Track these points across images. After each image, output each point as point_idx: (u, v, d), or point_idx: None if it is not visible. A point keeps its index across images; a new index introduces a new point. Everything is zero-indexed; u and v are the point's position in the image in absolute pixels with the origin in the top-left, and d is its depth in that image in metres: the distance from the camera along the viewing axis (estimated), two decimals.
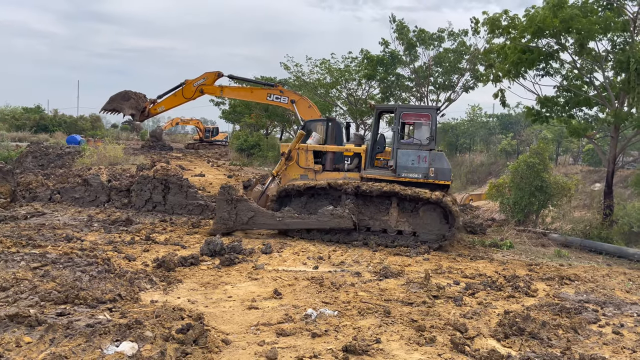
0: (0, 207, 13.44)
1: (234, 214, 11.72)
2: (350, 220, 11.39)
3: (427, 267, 9.46)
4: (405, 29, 24.04)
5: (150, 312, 5.80)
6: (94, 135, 46.04)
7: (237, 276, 8.36)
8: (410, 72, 25.23)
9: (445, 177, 11.66)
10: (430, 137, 11.87)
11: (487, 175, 34.22)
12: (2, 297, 6.17)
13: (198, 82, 14.97)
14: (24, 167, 22.24)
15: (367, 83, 27.75)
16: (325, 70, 28.92)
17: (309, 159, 12.95)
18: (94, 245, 9.88)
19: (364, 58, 26.16)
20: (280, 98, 14.51)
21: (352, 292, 7.52)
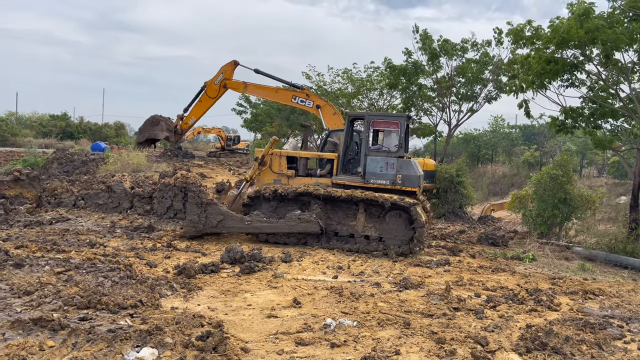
0: (27, 212, 13.70)
1: (203, 217, 11.86)
2: (317, 225, 11.57)
3: (448, 279, 9.37)
4: (428, 39, 23.98)
5: (171, 319, 5.84)
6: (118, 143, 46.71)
7: (257, 284, 8.38)
8: (433, 82, 25.11)
9: (412, 183, 11.87)
10: (398, 144, 12.07)
11: (509, 186, 33.82)
12: (27, 300, 6.28)
13: (218, 78, 14.72)
14: (50, 174, 22.65)
15: (389, 93, 27.70)
16: (347, 79, 28.93)
17: (282, 165, 13.07)
18: (117, 251, 10.01)
19: (386, 67, 26.13)
20: (306, 102, 14.31)
21: (372, 302, 7.48)
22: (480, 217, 19.01)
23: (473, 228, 17.01)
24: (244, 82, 14.74)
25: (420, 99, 25.54)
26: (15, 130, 49.85)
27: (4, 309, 5.91)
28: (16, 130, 49.83)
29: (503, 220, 19.14)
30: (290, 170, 13.06)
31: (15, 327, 5.25)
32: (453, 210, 19.05)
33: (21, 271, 7.51)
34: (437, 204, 19.50)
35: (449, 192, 19.12)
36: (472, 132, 46.64)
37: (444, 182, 19.08)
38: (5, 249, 8.60)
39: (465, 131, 46.79)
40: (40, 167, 24.37)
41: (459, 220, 18.44)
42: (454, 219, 18.57)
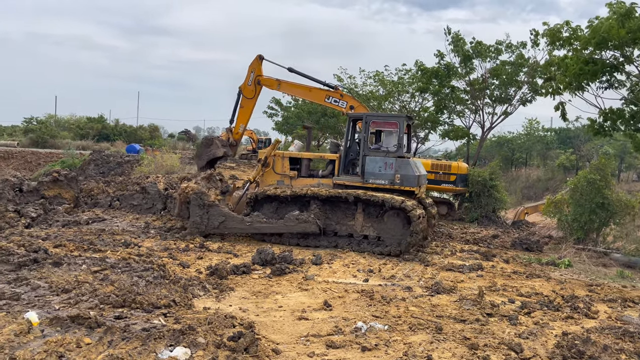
0: (65, 212, 14.06)
1: (206, 219, 12.06)
2: (315, 225, 11.68)
3: (481, 284, 9.23)
4: (461, 41, 23.73)
5: (203, 319, 5.91)
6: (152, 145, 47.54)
7: (288, 286, 8.41)
8: (466, 85, 24.83)
9: (410, 183, 11.95)
10: (397, 144, 12.16)
11: (543, 190, 33.16)
12: (65, 298, 6.44)
13: (250, 78, 14.73)
14: (87, 175, 23.23)
15: (420, 95, 27.49)
16: (378, 82, 28.83)
17: (285, 166, 13.23)
18: (151, 251, 10.19)
19: (418, 70, 25.94)
20: (339, 102, 14.27)
21: (403, 306, 7.43)
22: (514, 221, 18.68)
23: (507, 233, 16.73)
24: (277, 79, 14.72)
25: (452, 101, 25.27)
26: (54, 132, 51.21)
27: (43, 306, 6.08)
28: (55, 133, 51.18)
29: (537, 225, 18.75)
30: (293, 171, 13.19)
31: (53, 324, 5.39)
32: (486, 215, 18.77)
33: (59, 269, 7.71)
34: (470, 208, 19.26)
35: (482, 196, 18.85)
36: (506, 135, 45.90)
37: (477, 186, 18.83)
38: (45, 247, 8.85)
39: (499, 134, 46.13)
40: (78, 168, 25.00)
41: (492, 225, 18.16)
42: (487, 223, 18.30)
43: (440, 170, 18.69)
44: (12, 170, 34.22)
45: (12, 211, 12.96)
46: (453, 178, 18.66)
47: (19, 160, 39.17)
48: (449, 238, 14.74)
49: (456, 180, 18.63)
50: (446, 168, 18.73)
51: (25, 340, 4.97)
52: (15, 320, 5.45)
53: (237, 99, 14.82)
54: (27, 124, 55.92)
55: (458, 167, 18.78)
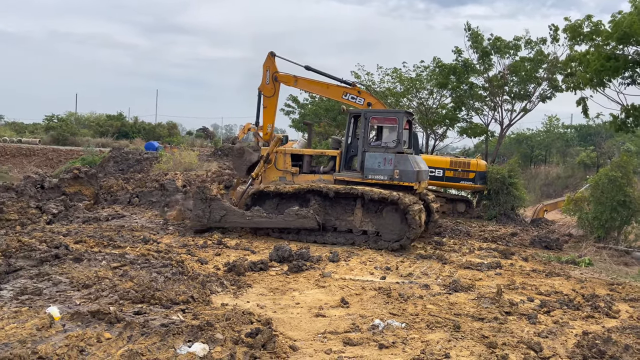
0: (85, 208, 14.25)
1: (208, 212, 12.21)
2: (314, 221, 11.76)
3: (499, 282, 9.16)
4: (479, 37, 23.51)
5: (221, 315, 5.95)
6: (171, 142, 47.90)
7: (305, 283, 8.43)
8: (484, 81, 24.61)
9: (409, 178, 12.04)
10: (396, 140, 12.28)
11: (563, 188, 32.74)
12: (85, 294, 6.53)
13: (266, 76, 14.75)
14: (106, 172, 23.50)
15: (438, 92, 27.31)
16: (396, 79, 28.69)
17: (287, 162, 13.34)
18: (169, 247, 10.29)
19: (436, 67, 25.77)
20: (357, 99, 14.27)
21: (421, 304, 7.40)
22: (533, 219, 18.48)
23: (525, 230, 16.57)
24: (294, 75, 14.73)
25: (471, 98, 25.06)
26: (74, 130, 51.89)
27: (64, 301, 6.17)
28: (75, 130, 51.86)
29: (557, 223, 18.53)
30: (294, 167, 13.30)
31: (74, 318, 5.47)
32: (505, 212, 18.60)
33: (80, 265, 7.81)
34: (489, 206, 19.11)
35: (500, 193, 18.69)
36: (525, 132, 45.39)
37: (496, 184, 18.66)
38: (66, 243, 8.98)
39: (518, 131, 45.60)
40: (98, 165, 25.32)
41: (511, 223, 18.00)
42: (505, 221, 18.14)
43: (459, 168, 18.57)
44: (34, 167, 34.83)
45: (34, 207, 13.18)
46: (472, 175, 18.51)
47: (40, 158, 39.85)
48: (467, 236, 14.65)
49: (475, 178, 18.49)
50: (465, 165, 18.60)
51: (47, 335, 5.05)
52: (37, 315, 5.54)
53: (258, 101, 14.86)
54: (48, 121, 56.72)
55: (477, 164, 18.64)
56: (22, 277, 7.06)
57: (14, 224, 11.85)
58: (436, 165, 18.57)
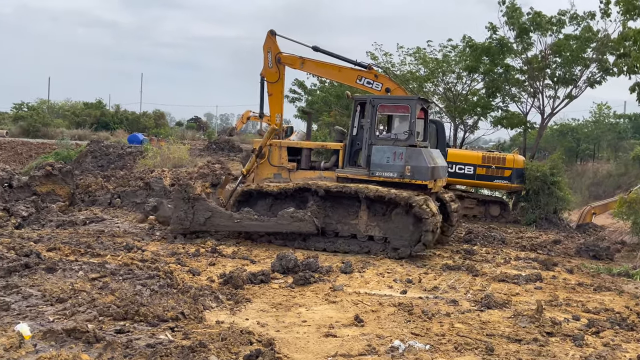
0: (59, 210, 14.36)
1: (191, 214, 12.23)
2: (312, 225, 11.72)
3: (539, 298, 9.12)
4: (517, 12, 23.40)
5: (216, 334, 5.98)
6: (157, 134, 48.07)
7: (313, 298, 8.44)
8: (522, 63, 24.50)
9: (422, 176, 11.91)
10: (409, 131, 12.19)
11: (615, 188, 32.53)
12: (60, 309, 6.58)
13: (268, 59, 14.73)
14: (83, 168, 23.69)
15: (469, 76, 27.21)
16: (419, 60, 28.62)
17: (283, 157, 13.33)
18: (156, 256, 10.34)
19: (466, 46, 25.68)
20: (373, 84, 14.18)
21: (448, 323, 7.39)
22: (579, 224, 18.39)
23: (570, 237, 16.50)
24: (300, 57, 14.65)
25: (506, 83, 24.95)
26: (47, 120, 52.27)
27: (35, 317, 6.23)
28: (48, 120, 52.24)
29: (607, 229, 18.44)
30: (291, 162, 13.29)
31: (47, 337, 5.52)
32: (546, 216, 18.53)
33: (53, 276, 7.88)
34: (527, 209, 19.03)
35: (541, 194, 18.60)
36: (570, 122, 45.15)
37: (535, 183, 18.58)
38: (37, 251, 9.06)
39: (562, 121, 45.40)
40: (73, 161, 25.51)
41: (553, 228, 17.93)
42: (546, 227, 18.07)
43: (493, 164, 18.47)
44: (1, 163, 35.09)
45: (0, 209, 13.28)
46: (508, 173, 18.42)
47: (8, 152, 40.13)
48: (502, 243, 14.61)
49: (511, 176, 18.39)
50: (500, 161, 18.50)
51: (16, 356, 5.10)
52: (5, 333, 5.59)
53: (261, 88, 14.77)
54: (17, 110, 57.19)
55: (514, 160, 18.53)
56: None
57: None
58: (466, 161, 18.53)
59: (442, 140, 16.73)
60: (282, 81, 14.79)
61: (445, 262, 11.70)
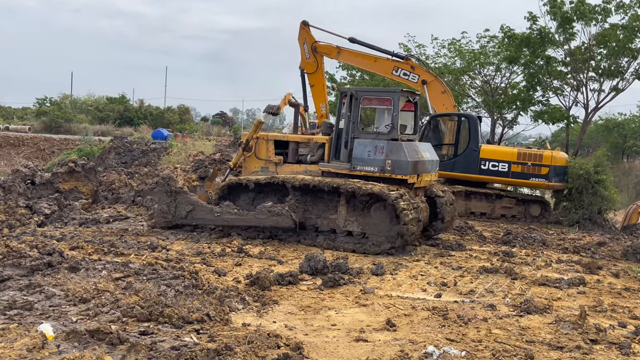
0: (82, 208, 14.59)
1: (173, 207, 12.71)
2: (289, 219, 12.00)
3: (583, 303, 8.99)
4: (559, 1, 23.10)
5: (242, 337, 6.01)
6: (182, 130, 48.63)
7: (343, 300, 8.45)
8: (565, 55, 24.18)
9: (402, 170, 12.07)
10: (390, 124, 12.36)
11: None
12: (83, 309, 6.70)
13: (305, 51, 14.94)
14: (107, 165, 24.07)
15: (508, 68, 26.95)
16: (454, 52, 28.46)
17: (270, 150, 13.62)
18: (181, 255, 10.44)
19: (504, 37, 25.44)
20: (409, 75, 14.23)
21: (485, 328, 7.34)
22: (625, 225, 18.05)
23: (616, 239, 16.21)
24: (337, 46, 14.90)
25: (548, 76, 24.65)
26: (69, 115, 53.19)
27: (58, 318, 6.35)
28: (71, 116, 53.16)
29: None
30: (278, 156, 13.54)
31: (70, 338, 5.62)
32: (589, 217, 18.23)
33: (77, 275, 8.01)
34: (570, 208, 18.74)
35: (584, 193, 18.30)
36: (616, 117, 44.42)
37: (579, 181, 18.29)
38: (60, 249, 9.22)
39: (607, 116, 44.66)
40: (97, 157, 25.92)
41: (598, 229, 17.64)
42: (590, 228, 17.79)
43: (529, 161, 18.16)
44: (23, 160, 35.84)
45: (23, 207, 13.56)
46: (545, 171, 18.06)
47: (30, 148, 41.02)
48: (542, 245, 14.43)
49: (549, 174, 18.03)
50: (536, 158, 18.17)
51: (39, 357, 5.20)
52: (28, 333, 5.71)
53: (302, 81, 15.14)
54: (39, 105, 58.27)
55: (551, 157, 18.17)
56: (11, 288, 7.28)
57: (1, 226, 12.21)
58: (500, 158, 18.26)
59: (475, 135, 16.60)
60: (321, 71, 15.13)
61: (483, 264, 11.60)
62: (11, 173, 15.57)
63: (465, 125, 18.38)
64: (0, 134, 43.12)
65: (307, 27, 14.84)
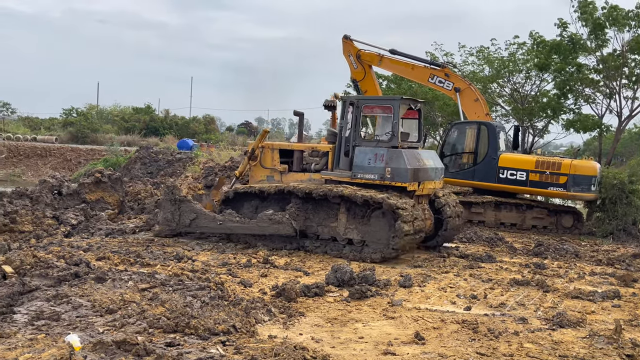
0: (108, 218, 14.78)
1: (177, 215, 13.11)
2: (290, 227, 12.31)
3: (618, 316, 8.85)
4: (590, 6, 22.89)
5: (269, 350, 6.02)
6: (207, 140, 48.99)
7: (370, 313, 8.42)
8: (597, 62, 23.92)
9: (402, 178, 12.22)
10: (391, 132, 12.56)
11: None
12: (109, 320, 6.77)
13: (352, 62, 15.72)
14: (132, 175, 24.35)
15: (538, 76, 26.74)
16: (483, 60, 28.32)
17: (275, 159, 13.91)
18: (206, 266, 10.52)
19: (534, 43, 25.27)
20: (444, 83, 14.64)
21: (516, 342, 7.26)
22: None
23: None
24: (379, 54, 15.76)
25: (579, 83, 24.41)
26: (95, 125, 53.98)
27: (85, 329, 6.42)
28: (97, 126, 53.94)
29: None
30: (283, 165, 13.75)
31: (97, 349, 5.67)
32: (624, 228, 17.97)
33: (103, 286, 8.10)
34: (603, 219, 18.49)
35: (618, 203, 18.05)
36: None
37: (612, 191, 18.04)
38: (87, 260, 9.34)
39: None
40: (122, 167, 26.24)
41: (632, 241, 17.38)
42: (624, 239, 17.53)
43: (547, 169, 17.82)
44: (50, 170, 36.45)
45: (50, 217, 13.79)
46: (563, 180, 17.64)
47: (57, 158, 41.71)
48: (575, 257, 14.25)
49: (567, 183, 17.59)
50: (554, 166, 17.75)
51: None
52: (55, 344, 5.78)
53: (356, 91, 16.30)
54: (66, 116, 59.16)
55: (570, 165, 17.73)
56: (38, 298, 7.39)
57: (28, 237, 12.44)
58: (518, 166, 18.00)
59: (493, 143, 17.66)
60: (369, 76, 16.33)
61: (513, 276, 11.49)
62: (38, 183, 15.83)
63: (484, 133, 18.29)
64: (28, 144, 43.92)
65: (348, 40, 15.84)
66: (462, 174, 18.67)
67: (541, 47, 24.74)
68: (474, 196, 18.67)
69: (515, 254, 14.19)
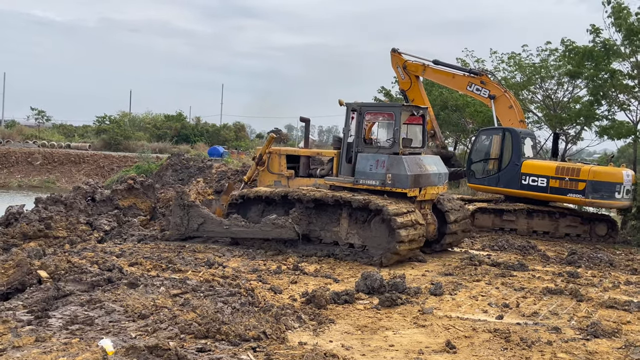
0: (141, 225, 14.96)
1: (186, 220, 13.45)
2: (292, 231, 12.51)
3: None
4: (624, 12, 22.56)
5: (299, 356, 6.03)
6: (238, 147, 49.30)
7: (400, 321, 8.38)
8: (631, 68, 23.55)
9: (402, 184, 12.40)
10: (392, 139, 12.79)
11: None
12: (142, 325, 6.84)
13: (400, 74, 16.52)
14: (164, 182, 24.54)
15: (570, 82, 26.42)
16: (514, 66, 28.10)
17: (282, 164, 14.13)
18: (237, 272, 10.58)
19: (566, 50, 24.98)
20: (481, 90, 15.01)
21: (549, 352, 7.16)
22: None
23: None
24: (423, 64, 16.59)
25: (613, 89, 24.04)
26: (128, 133, 54.75)
27: (118, 333, 6.50)
28: (129, 133, 54.70)
29: None
30: (289, 170, 13.92)
31: (130, 354, 5.74)
32: None
33: (135, 292, 8.20)
34: (638, 227, 18.14)
35: None
36: None
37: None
38: (120, 265, 9.48)
39: None
40: (154, 174, 26.51)
41: None
42: None
43: (567, 176, 17.42)
44: (84, 177, 37.05)
45: (84, 223, 14.01)
46: (582, 186, 17.18)
47: (90, 165, 42.40)
48: (609, 266, 13.99)
49: (585, 189, 17.14)
50: (574, 172, 17.33)
51: None
52: (89, 348, 5.87)
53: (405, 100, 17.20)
54: (99, 123, 60.13)
55: (589, 171, 17.28)
56: (72, 303, 7.51)
57: (63, 242, 12.65)
58: (539, 173, 17.67)
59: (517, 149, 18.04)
60: (416, 86, 17.21)
61: (546, 285, 11.32)
62: (72, 190, 16.09)
63: (508, 139, 18.15)
64: (62, 151, 44.74)
65: (396, 52, 16.66)
66: (488, 180, 18.57)
67: (573, 54, 24.45)
68: (505, 204, 18.46)
69: (548, 263, 13.98)
